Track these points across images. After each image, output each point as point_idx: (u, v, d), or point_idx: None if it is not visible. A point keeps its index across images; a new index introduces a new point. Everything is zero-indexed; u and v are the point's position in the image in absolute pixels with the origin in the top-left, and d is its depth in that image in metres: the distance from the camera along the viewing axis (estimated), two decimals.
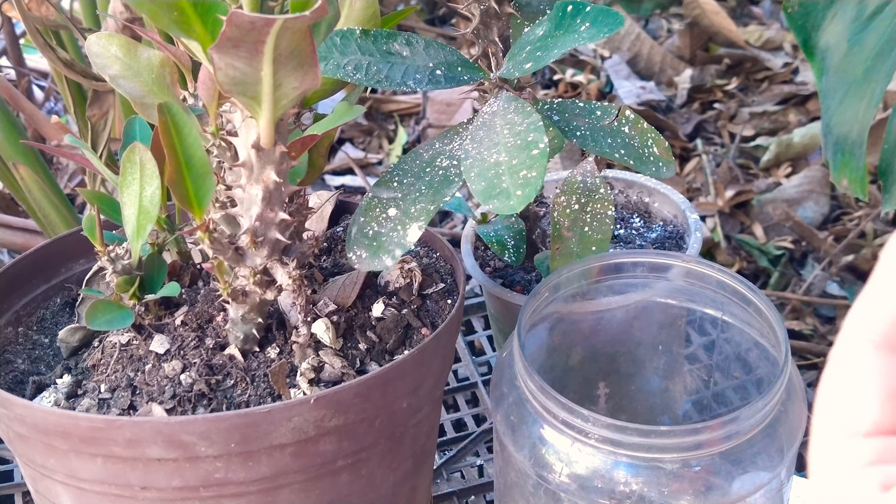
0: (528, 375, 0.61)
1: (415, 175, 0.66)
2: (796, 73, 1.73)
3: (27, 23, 0.88)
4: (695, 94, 1.68)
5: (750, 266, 1.37)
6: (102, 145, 0.99)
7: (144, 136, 0.68)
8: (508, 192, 0.58)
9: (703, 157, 1.52)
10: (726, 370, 0.74)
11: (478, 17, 0.73)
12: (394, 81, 0.68)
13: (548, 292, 0.68)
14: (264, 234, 0.61)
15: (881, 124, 0.92)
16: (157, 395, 0.62)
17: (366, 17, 0.70)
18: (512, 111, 0.64)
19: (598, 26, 0.63)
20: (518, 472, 0.63)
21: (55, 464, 0.61)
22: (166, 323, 0.67)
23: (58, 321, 0.71)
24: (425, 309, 0.70)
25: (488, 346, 1.06)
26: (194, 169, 0.60)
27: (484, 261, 0.88)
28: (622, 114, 0.75)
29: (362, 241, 0.64)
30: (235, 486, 0.60)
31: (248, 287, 0.62)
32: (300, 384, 0.62)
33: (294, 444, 0.59)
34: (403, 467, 0.68)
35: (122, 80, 0.63)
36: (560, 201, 0.79)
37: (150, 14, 0.53)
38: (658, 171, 0.74)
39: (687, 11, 1.74)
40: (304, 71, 0.52)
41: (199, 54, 0.57)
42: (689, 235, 0.85)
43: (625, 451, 0.57)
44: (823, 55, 0.88)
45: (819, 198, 1.45)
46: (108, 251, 0.65)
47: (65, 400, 0.63)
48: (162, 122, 0.59)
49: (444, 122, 1.58)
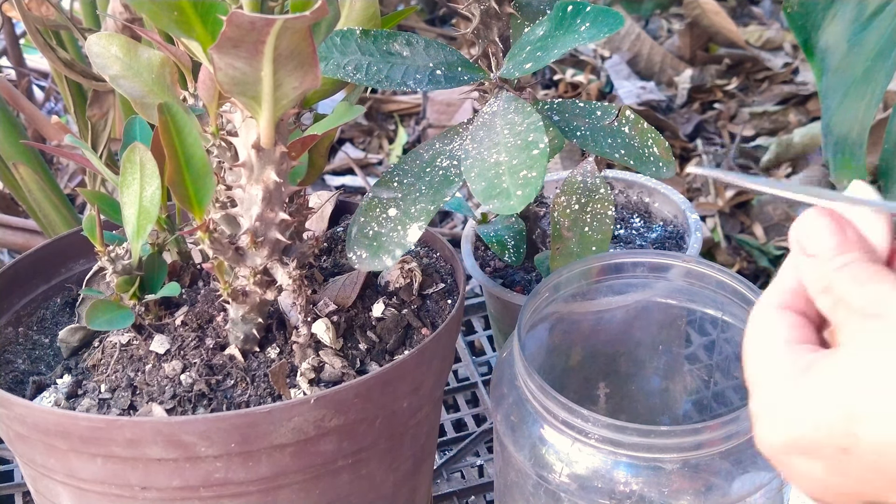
0: (528, 375, 0.61)
1: (415, 175, 0.66)
2: (796, 73, 1.73)
3: (27, 23, 0.88)
4: (695, 94, 1.67)
5: (750, 266, 1.37)
6: (102, 145, 0.99)
7: (144, 136, 0.68)
8: (508, 192, 0.58)
9: (703, 157, 1.52)
10: (726, 370, 0.74)
11: (478, 17, 0.73)
12: (394, 81, 0.68)
13: (548, 292, 0.68)
14: (264, 234, 0.61)
15: (881, 124, 0.92)
16: (157, 395, 0.62)
17: (366, 17, 0.70)
18: (512, 111, 0.64)
19: (598, 26, 0.64)
20: (518, 472, 0.63)
21: (55, 464, 0.61)
22: (166, 323, 0.67)
23: (58, 321, 0.71)
24: (425, 309, 0.70)
25: (488, 346, 1.06)
26: (194, 169, 0.60)
27: (484, 261, 0.88)
28: (622, 114, 0.75)
29: (362, 241, 0.64)
30: (235, 486, 0.60)
31: (249, 287, 0.62)
32: (300, 384, 0.63)
33: (294, 444, 0.59)
34: (403, 467, 0.68)
35: (122, 80, 0.63)
36: (560, 201, 0.79)
37: (150, 14, 0.53)
38: (658, 171, 0.74)
39: (687, 11, 1.74)
40: (304, 71, 0.52)
41: (199, 54, 0.57)
42: (689, 235, 0.85)
43: (625, 451, 0.57)
44: (823, 55, 0.88)
45: None
46: (108, 251, 0.65)
47: (65, 400, 0.63)
48: (162, 122, 0.59)
49: (444, 122, 1.58)
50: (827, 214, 0.43)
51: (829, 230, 0.43)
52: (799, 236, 0.43)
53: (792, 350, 0.41)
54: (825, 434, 0.38)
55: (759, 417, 0.42)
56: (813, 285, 0.43)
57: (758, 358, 0.43)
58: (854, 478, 0.39)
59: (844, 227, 0.43)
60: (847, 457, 0.38)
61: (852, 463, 0.38)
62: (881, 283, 0.40)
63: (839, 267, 0.41)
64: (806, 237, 0.43)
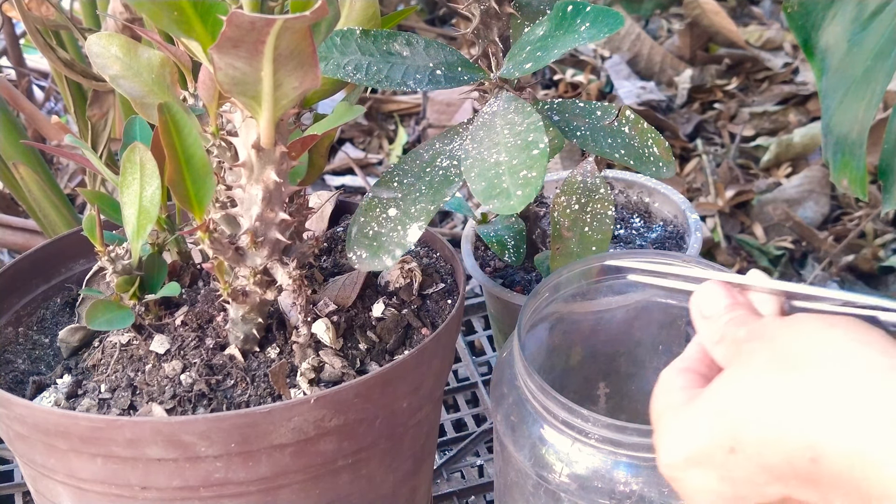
0: (528, 375, 0.61)
1: (415, 175, 0.66)
2: (796, 73, 1.73)
3: (27, 23, 0.88)
4: (695, 94, 1.68)
5: (750, 266, 1.37)
6: (102, 145, 0.99)
7: (144, 136, 0.68)
8: (508, 192, 0.58)
9: (703, 157, 1.52)
10: None
11: (478, 17, 0.73)
12: (394, 81, 0.68)
13: (548, 292, 0.68)
14: (264, 234, 0.61)
15: (881, 124, 0.92)
16: (157, 395, 0.62)
17: (366, 17, 0.70)
18: (512, 111, 0.64)
19: (598, 26, 0.64)
20: (518, 472, 0.63)
21: (55, 464, 0.61)
22: (166, 323, 0.67)
23: (58, 321, 0.71)
24: (425, 309, 0.70)
25: (488, 346, 1.06)
26: (194, 169, 0.60)
27: (484, 261, 0.88)
28: (622, 114, 0.75)
29: (362, 241, 0.64)
30: (235, 486, 0.60)
31: (249, 287, 0.62)
32: (300, 384, 0.63)
33: (294, 444, 0.59)
34: (403, 467, 0.68)
35: (122, 80, 0.63)
36: (560, 201, 0.79)
37: (150, 14, 0.53)
38: (658, 171, 0.74)
39: (687, 11, 1.74)
40: (304, 71, 0.52)
41: (199, 54, 0.57)
42: (689, 235, 0.85)
43: (625, 451, 0.57)
44: (823, 55, 0.88)
45: (819, 198, 1.45)
46: (108, 251, 0.65)
47: (65, 400, 0.63)
48: (162, 122, 0.59)
49: (444, 122, 1.58)
50: (721, 285, 0.50)
51: (721, 295, 0.49)
52: (698, 303, 0.50)
53: (685, 391, 0.47)
54: (714, 441, 0.43)
55: (659, 443, 0.46)
56: (708, 341, 0.48)
57: (658, 403, 0.48)
58: (742, 480, 0.43)
59: (735, 293, 0.50)
60: (734, 456, 0.43)
61: (740, 463, 0.43)
62: (763, 320, 0.46)
63: (728, 320, 0.48)
64: (703, 303, 0.50)
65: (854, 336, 0.42)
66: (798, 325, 0.44)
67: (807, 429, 0.40)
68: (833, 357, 0.41)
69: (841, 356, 0.41)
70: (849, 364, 0.41)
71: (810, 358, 0.42)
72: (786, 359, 0.42)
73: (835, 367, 0.41)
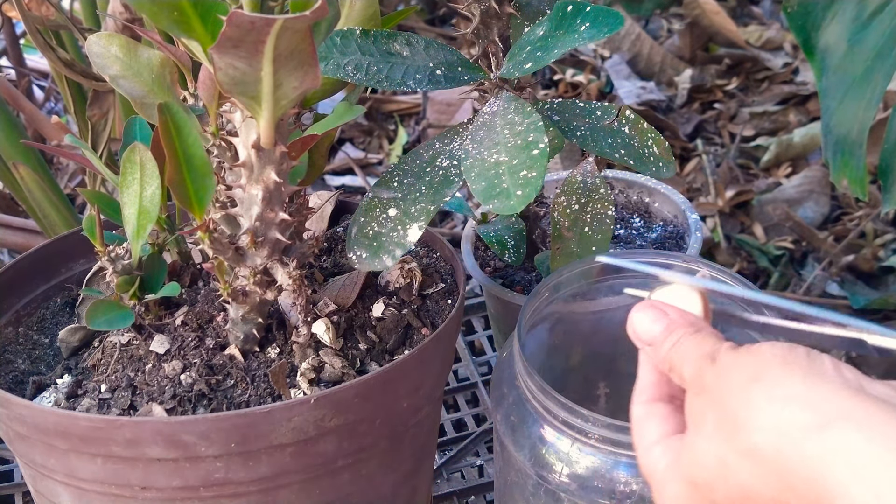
0: (528, 375, 0.61)
1: (415, 175, 0.66)
2: (796, 73, 1.73)
3: (27, 23, 0.88)
4: (695, 94, 1.68)
5: (750, 266, 1.37)
6: (102, 145, 0.99)
7: (144, 136, 0.68)
8: (509, 192, 0.58)
9: (703, 157, 1.53)
10: None
11: (478, 17, 0.73)
12: (394, 81, 0.68)
13: (548, 292, 0.68)
14: (264, 234, 0.61)
15: (881, 124, 0.92)
16: (157, 395, 0.62)
17: (366, 17, 0.70)
18: (512, 111, 0.64)
19: (598, 26, 0.64)
20: (518, 472, 0.63)
21: (55, 464, 0.61)
22: (166, 323, 0.67)
23: (58, 321, 0.71)
24: (425, 309, 0.70)
25: (488, 346, 1.06)
26: (194, 169, 0.60)
27: (484, 261, 0.88)
28: (622, 114, 0.75)
29: (362, 241, 0.64)
30: (235, 486, 0.60)
31: (249, 287, 0.62)
32: (300, 384, 0.63)
33: (294, 444, 0.59)
34: (403, 467, 0.68)
35: (122, 80, 0.63)
36: (560, 201, 0.79)
37: (150, 14, 0.53)
38: (658, 171, 0.74)
39: (687, 11, 1.74)
40: (304, 71, 0.52)
41: (199, 54, 0.57)
42: (689, 235, 0.85)
43: (625, 451, 0.57)
44: (823, 55, 0.88)
45: (819, 198, 1.45)
46: (108, 251, 0.65)
47: (65, 400, 0.63)
48: (162, 122, 0.59)
49: (444, 122, 1.58)
50: (649, 307, 0.51)
51: (654, 318, 0.50)
52: (634, 331, 0.50)
53: (662, 450, 0.48)
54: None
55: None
56: (661, 367, 0.49)
57: (642, 461, 0.49)
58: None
59: (666, 311, 0.50)
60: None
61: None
62: (702, 358, 0.46)
63: (670, 347, 0.48)
64: (640, 330, 0.50)
65: (779, 393, 0.42)
66: (728, 375, 0.44)
67: (765, 490, 0.41)
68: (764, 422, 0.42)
69: (770, 420, 0.41)
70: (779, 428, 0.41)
71: (747, 421, 0.42)
72: (726, 420, 0.43)
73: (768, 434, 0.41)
